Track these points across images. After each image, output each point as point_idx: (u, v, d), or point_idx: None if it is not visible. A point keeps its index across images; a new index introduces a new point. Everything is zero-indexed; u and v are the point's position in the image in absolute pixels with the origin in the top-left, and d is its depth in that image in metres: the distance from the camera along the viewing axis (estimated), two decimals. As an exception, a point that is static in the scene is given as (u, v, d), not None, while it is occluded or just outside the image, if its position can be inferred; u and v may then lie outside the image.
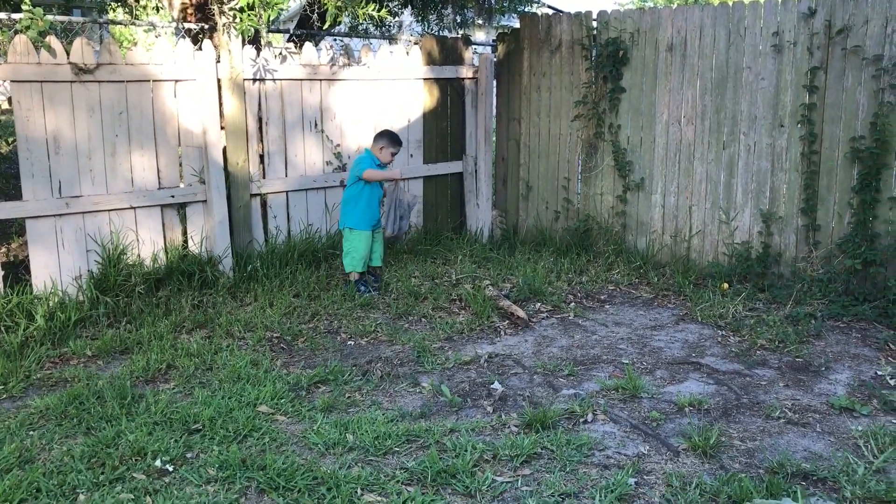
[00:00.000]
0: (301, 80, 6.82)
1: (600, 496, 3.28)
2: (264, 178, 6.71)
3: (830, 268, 6.07)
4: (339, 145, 7.14)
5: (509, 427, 4.03)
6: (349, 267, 6.28)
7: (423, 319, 5.84)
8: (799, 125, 6.21)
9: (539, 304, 6.23)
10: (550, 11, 9.07)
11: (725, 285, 6.36)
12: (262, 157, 6.70)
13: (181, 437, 3.83)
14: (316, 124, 6.98)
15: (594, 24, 7.45)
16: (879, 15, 5.74)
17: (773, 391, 4.54)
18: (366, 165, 6.23)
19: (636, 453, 3.75)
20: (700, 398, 4.38)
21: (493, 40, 8.79)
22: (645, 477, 3.51)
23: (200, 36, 6.67)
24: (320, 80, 6.94)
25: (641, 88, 7.16)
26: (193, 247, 6.28)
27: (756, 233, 6.57)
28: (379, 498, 3.29)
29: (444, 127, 7.94)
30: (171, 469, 3.54)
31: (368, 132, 7.31)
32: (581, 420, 4.12)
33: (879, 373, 4.77)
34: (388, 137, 6.33)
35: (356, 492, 3.32)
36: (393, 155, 6.32)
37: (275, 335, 5.37)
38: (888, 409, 4.25)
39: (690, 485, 3.39)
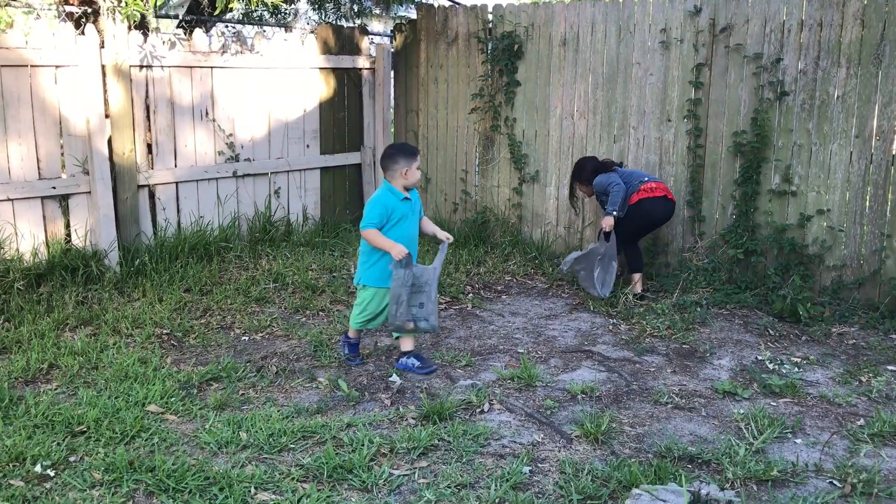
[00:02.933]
0: (191, 67, 6.60)
1: (496, 485, 3.32)
2: (152, 168, 6.47)
3: (715, 257, 6.33)
4: (231, 135, 6.95)
5: (407, 420, 4.02)
6: (353, 321, 4.85)
7: (320, 313, 5.77)
8: (685, 120, 6.44)
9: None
10: (447, 3, 9.10)
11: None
12: (150, 146, 6.46)
13: (64, 440, 3.66)
14: (207, 113, 6.77)
15: (490, 17, 7.51)
16: (759, 15, 6.01)
17: (662, 377, 4.70)
18: (374, 212, 4.61)
19: (531, 441, 3.81)
20: (592, 385, 4.50)
21: (391, 31, 8.75)
22: (539, 465, 3.57)
23: (83, 20, 6.36)
24: (211, 67, 6.73)
25: (536, 82, 7.27)
26: (77, 240, 6.00)
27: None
28: (273, 496, 3.23)
29: (341, 117, 7.85)
30: (52, 474, 3.37)
31: (263, 122, 7.16)
32: (478, 410, 4.16)
33: (760, 357, 5.01)
34: (401, 152, 4.70)
35: (250, 491, 3.25)
36: (418, 170, 4.75)
37: (164, 332, 5.19)
38: (767, 392, 4.46)
39: (582, 471, 3.47)
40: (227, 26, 9.68)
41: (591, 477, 3.42)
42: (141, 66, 6.28)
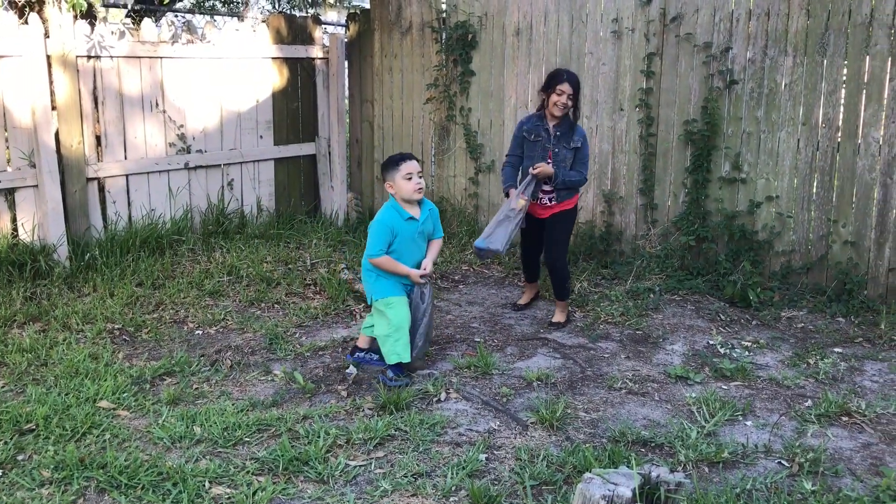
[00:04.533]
0: (140, 57, 6.48)
1: (452, 473, 3.34)
2: (101, 161, 6.35)
3: (667, 244, 6.42)
4: (182, 126, 6.84)
5: (363, 410, 4.02)
6: (393, 355, 4.32)
7: (275, 306, 5.73)
8: (637, 109, 6.50)
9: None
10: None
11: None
12: (98, 138, 6.33)
13: (12, 439, 3.58)
14: (157, 104, 6.66)
15: (443, 6, 7.50)
16: (708, 4, 6.09)
17: (616, 363, 4.77)
18: (379, 237, 4.32)
19: (487, 429, 3.84)
20: (548, 372, 4.54)
21: (345, 20, 8.69)
22: (495, 452, 3.60)
23: (27, 9, 6.20)
24: (161, 57, 6.62)
25: (490, 72, 7.28)
26: (24, 235, 5.86)
27: (599, 212, 6.85)
28: (228, 490, 3.20)
29: (295, 108, 7.78)
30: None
31: (215, 112, 7.06)
32: (434, 399, 4.17)
33: (711, 342, 5.10)
34: (386, 164, 4.43)
35: (204, 485, 3.22)
36: (419, 175, 4.33)
37: (116, 327, 5.11)
38: (718, 375, 4.55)
39: (538, 457, 3.51)
40: (176, 16, 9.52)
41: (547, 463, 3.45)
42: (88, 57, 6.14)
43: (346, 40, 8.17)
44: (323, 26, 8.14)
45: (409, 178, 4.28)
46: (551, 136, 5.29)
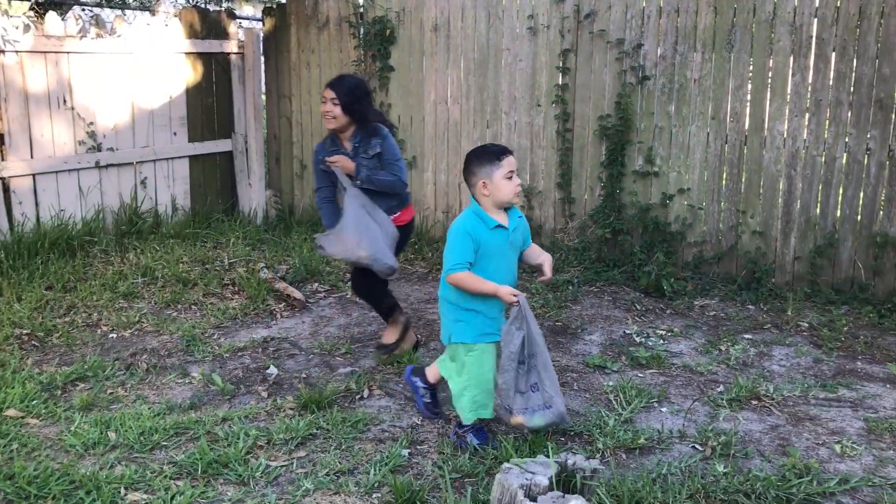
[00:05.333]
0: (46, 52, 6.24)
1: (375, 470, 3.33)
2: (5, 160, 6.09)
3: (585, 237, 6.54)
4: (92, 123, 6.63)
5: (285, 411, 3.97)
6: (470, 412, 3.54)
7: (193, 307, 5.60)
8: (554, 105, 6.60)
9: (317, 284, 6.19)
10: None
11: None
12: (2, 136, 6.07)
13: (-90, 454, 3.41)
14: (65, 101, 6.43)
15: (360, 1, 7.45)
16: (620, 1, 6.22)
17: (537, 355, 4.83)
18: (458, 248, 3.43)
19: (410, 425, 3.84)
20: (470, 367, 4.56)
21: (261, 15, 8.55)
22: (418, 447, 3.61)
23: (-81, 0, 5.90)
24: (68, 52, 6.39)
25: (409, 68, 7.28)
26: (-78, 239, 5.59)
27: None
28: (145, 496, 3.13)
29: (210, 104, 7.62)
30: None
31: (126, 109, 6.86)
32: (357, 397, 4.16)
33: (627, 331, 5.23)
34: (477, 158, 3.48)
35: (119, 492, 3.13)
36: (512, 175, 3.42)
37: (25, 332, 4.91)
38: (634, 364, 4.67)
39: (461, 451, 3.53)
40: (84, 9, 9.20)
41: (469, 455, 3.48)
42: (-12, 51, 5.89)
43: (261, 35, 8.04)
44: (238, 21, 8.00)
45: (510, 178, 3.39)
46: (350, 152, 4.56)
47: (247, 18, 9.31)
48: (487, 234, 3.42)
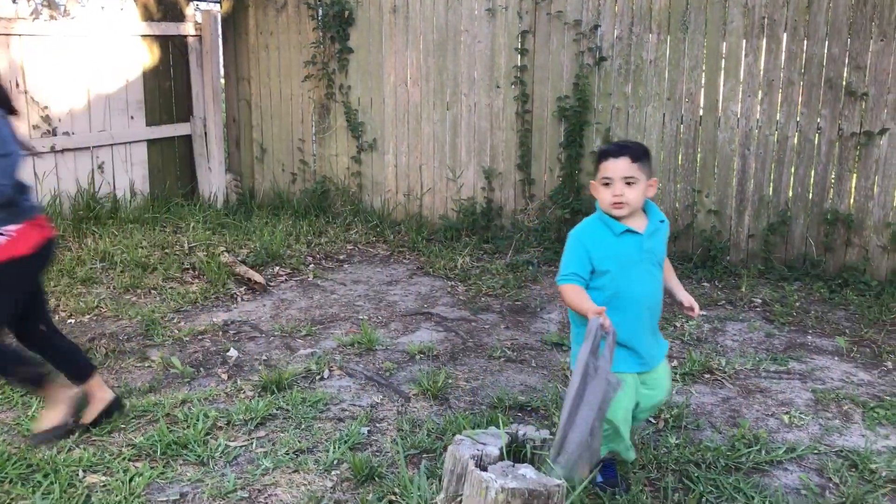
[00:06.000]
0: (-4, 35, 6.14)
1: (334, 448, 3.37)
2: (-43, 145, 5.98)
3: (544, 218, 6.61)
4: (47, 108, 6.53)
5: (244, 392, 3.99)
6: (603, 447, 2.92)
7: (152, 291, 5.57)
8: (513, 86, 6.64)
9: (278, 267, 6.19)
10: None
11: None
12: (-48, 121, 5.96)
13: None
14: (18, 84, 6.33)
15: (319, -17, 7.42)
16: (577, -16, 6.27)
17: (496, 333, 4.90)
18: (569, 255, 2.93)
19: (370, 403, 3.88)
20: (430, 345, 4.62)
21: (218, -3, 8.45)
22: (378, 425, 3.65)
23: None
24: (21, 35, 6.28)
25: (369, 49, 7.26)
26: None
27: (480, 189, 6.97)
28: (103, 478, 3.13)
29: (167, 87, 7.54)
30: None
31: (82, 93, 6.77)
32: (318, 377, 4.18)
33: (586, 310, 5.30)
34: (599, 154, 2.97)
35: (77, 474, 3.13)
36: (627, 181, 2.86)
37: (-21, 319, 4.85)
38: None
39: (420, 427, 3.58)
40: (36, -9, 9.02)
41: (427, 431, 3.53)
42: (-64, 34, 5.78)
43: (219, 17, 7.96)
44: (195, 3, 7.92)
45: (607, 185, 2.86)
46: None
47: (204, 0, 9.20)
48: (612, 240, 2.87)
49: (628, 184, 2.82)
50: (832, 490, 3.16)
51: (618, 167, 2.84)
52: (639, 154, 2.86)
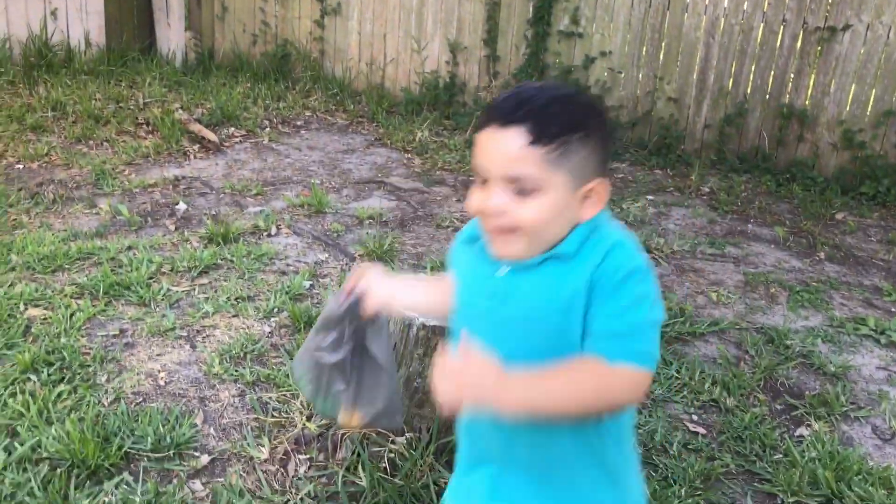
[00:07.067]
0: None
1: (275, 297, 3.45)
2: None
3: (507, 96, 6.56)
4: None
5: (191, 242, 4.03)
6: None
7: (104, 143, 5.50)
8: (484, -43, 6.47)
9: (233, 129, 6.12)
10: None
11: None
12: None
13: None
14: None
15: None
16: None
17: (447, 205, 4.96)
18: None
19: (315, 261, 3.96)
20: (380, 212, 4.67)
21: None
22: (320, 280, 3.74)
23: None
24: None
25: None
26: None
27: (444, 62, 6.88)
28: (45, 312, 3.19)
29: (125, -66, 7.21)
30: None
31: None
32: (265, 234, 4.23)
33: (538, 188, 5.37)
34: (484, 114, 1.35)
35: (18, 307, 3.18)
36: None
37: (-76, 158, 4.79)
38: (539, 216, 4.83)
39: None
40: None
41: (368, 288, 3.62)
42: None
43: None
44: None
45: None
46: None
47: None
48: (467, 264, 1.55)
49: (522, 192, 1.30)
50: (747, 361, 3.34)
51: (498, 151, 1.30)
52: (556, 124, 1.28)
